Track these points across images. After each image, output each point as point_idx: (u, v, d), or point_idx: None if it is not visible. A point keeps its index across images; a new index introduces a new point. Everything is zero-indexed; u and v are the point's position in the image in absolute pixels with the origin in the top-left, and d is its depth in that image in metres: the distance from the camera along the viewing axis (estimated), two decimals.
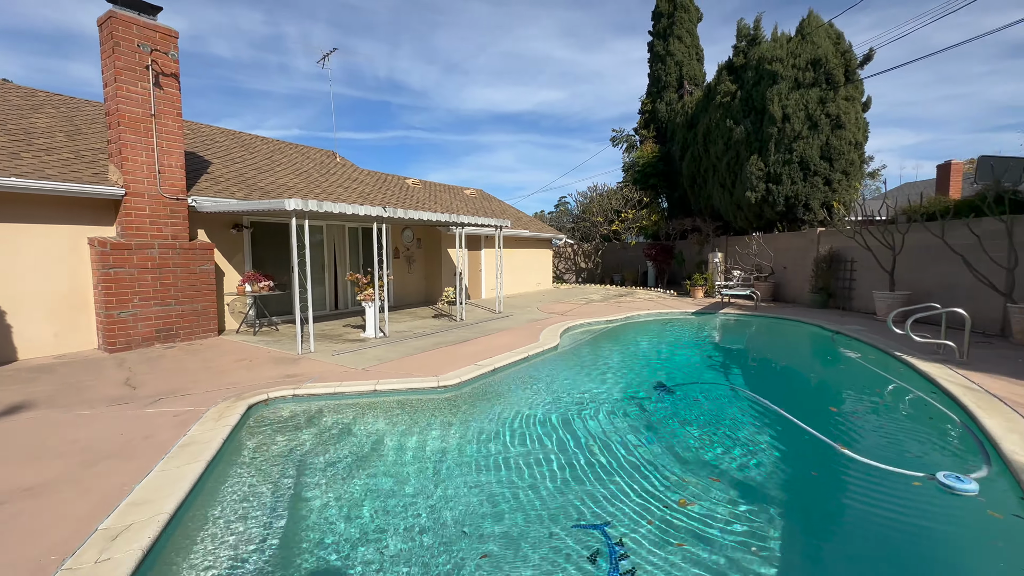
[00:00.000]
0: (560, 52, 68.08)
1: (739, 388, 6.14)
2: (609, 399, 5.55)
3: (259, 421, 4.53)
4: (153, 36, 7.42)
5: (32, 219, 6.74)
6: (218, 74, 65.38)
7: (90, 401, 4.82)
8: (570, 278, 24.22)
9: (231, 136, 12.92)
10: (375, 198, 12.90)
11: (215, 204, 8.17)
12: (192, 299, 7.96)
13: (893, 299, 9.78)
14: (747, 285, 13.87)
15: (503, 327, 9.47)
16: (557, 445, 4.15)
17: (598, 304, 13.41)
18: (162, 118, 7.60)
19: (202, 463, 3.27)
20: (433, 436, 4.31)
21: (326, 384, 5.28)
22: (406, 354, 7.00)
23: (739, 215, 15.57)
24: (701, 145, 16.93)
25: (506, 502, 3.22)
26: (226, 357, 6.84)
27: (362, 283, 8.45)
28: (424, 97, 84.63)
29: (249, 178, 10.26)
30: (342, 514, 3.04)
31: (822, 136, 13.14)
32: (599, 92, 76.15)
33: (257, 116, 75.41)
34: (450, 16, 62.41)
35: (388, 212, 8.14)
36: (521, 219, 18.96)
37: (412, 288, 13.85)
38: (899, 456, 3.96)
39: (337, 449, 4.00)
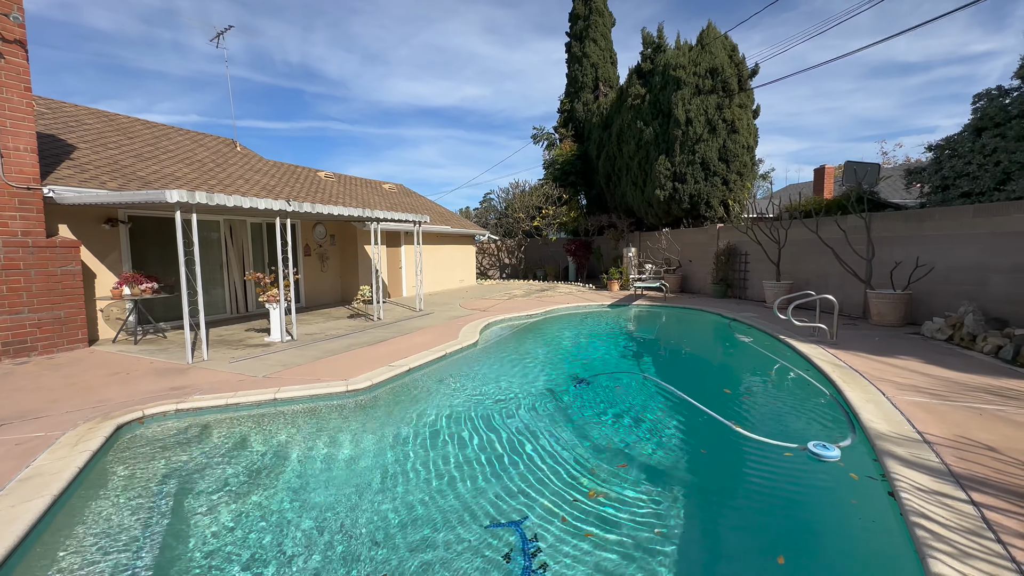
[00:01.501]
0: (483, 48, 67.97)
1: (648, 376, 6.46)
2: (526, 393, 5.58)
3: (131, 443, 3.96)
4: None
5: None
6: (95, 48, 57.32)
7: None
8: (494, 274, 24.30)
9: (103, 118, 11.31)
10: (281, 191, 11.98)
11: (79, 195, 7.08)
12: (52, 305, 6.85)
13: (778, 288, 10.87)
14: (658, 278, 14.76)
15: (422, 325, 9.22)
16: (471, 444, 4.07)
17: (520, 299, 13.55)
18: (4, 92, 6.43)
19: (46, 499, 2.77)
20: (338, 445, 4.04)
21: (218, 395, 4.76)
22: (315, 358, 6.55)
23: (650, 212, 16.50)
24: (615, 145, 17.70)
25: (419, 507, 3.09)
26: (96, 371, 5.96)
27: (265, 283, 7.78)
28: (342, 87, 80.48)
29: (126, 166, 9.03)
30: (226, 545, 2.72)
31: (720, 139, 14.28)
32: (522, 90, 77.16)
33: (147, 99, 67.32)
34: (369, 3, 59.74)
35: (293, 206, 7.56)
36: (443, 215, 18.65)
37: (326, 287, 13.07)
38: (779, 430, 4.36)
39: (225, 469, 3.60)
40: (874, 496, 3.08)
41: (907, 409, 4.14)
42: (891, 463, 3.12)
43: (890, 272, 8.42)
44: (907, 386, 4.82)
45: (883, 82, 56.73)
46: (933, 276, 7.94)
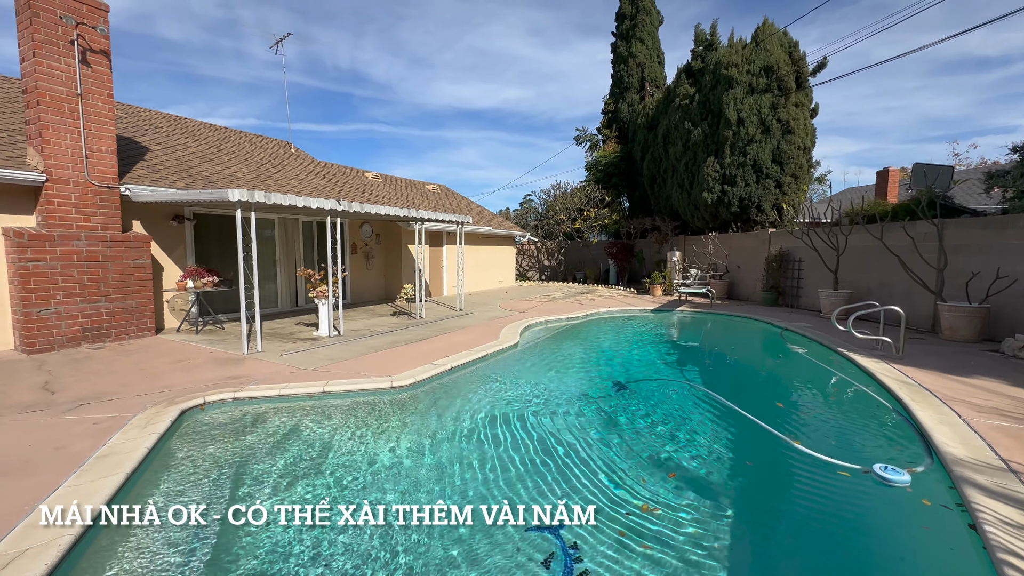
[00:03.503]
0: (526, 50, 68.09)
1: (694, 384, 6.25)
2: (567, 397, 5.52)
3: (193, 427, 4.20)
4: (79, 8, 6.79)
5: None
6: (166, 58, 61.67)
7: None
8: (533, 275, 24.27)
9: (173, 122, 12.11)
10: (331, 191, 12.43)
11: (152, 194, 7.60)
12: (125, 296, 7.38)
13: (836, 297, 10.27)
14: (703, 283, 14.28)
15: (463, 325, 9.31)
16: (512, 445, 4.05)
17: (560, 302, 13.45)
18: (90, 98, 6.99)
19: (120, 476, 2.97)
20: (384, 438, 4.13)
21: (271, 386, 4.98)
22: (360, 353, 6.74)
23: (696, 215, 15.99)
24: (661, 146, 17.28)
25: (458, 504, 3.10)
26: (162, 358, 6.37)
27: (315, 279, 8.08)
28: (388, 90, 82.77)
29: (193, 167, 9.63)
30: (279, 526, 2.83)
31: (773, 140, 13.65)
32: (564, 91, 76.77)
33: (210, 104, 71.69)
34: (416, 8, 61.20)
35: (342, 205, 7.81)
36: (485, 216, 18.80)
37: (370, 285, 13.45)
38: (839, 448, 4.10)
39: (278, 456, 3.75)
40: (950, 527, 2.84)
41: (988, 434, 3.79)
42: (972, 492, 2.86)
43: (965, 283, 7.77)
44: (987, 408, 4.42)
45: (954, 78, 52.49)
46: (1016, 288, 7.27)
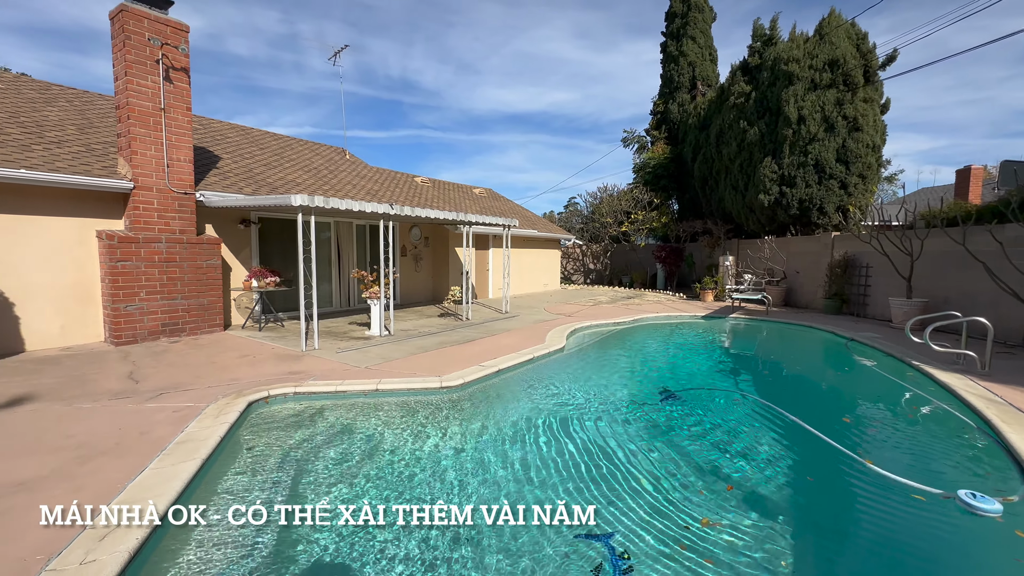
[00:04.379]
0: (573, 53, 67.82)
1: (750, 394, 5.98)
2: (616, 403, 5.43)
3: (259, 418, 4.47)
4: (164, 30, 7.42)
5: (42, 211, 6.76)
6: (234, 72, 66.13)
7: (91, 394, 4.79)
8: (578, 279, 24.05)
9: (241, 132, 12.96)
10: (384, 195, 12.86)
11: (223, 199, 8.16)
12: (198, 294, 7.96)
13: (910, 306, 9.52)
14: (758, 289, 13.63)
15: (509, 327, 9.36)
16: (559, 451, 4.03)
17: (606, 306, 13.26)
18: (171, 112, 7.60)
19: (197, 461, 3.20)
20: (433, 437, 4.22)
21: (328, 382, 5.21)
22: (410, 353, 6.93)
23: (751, 218, 15.32)
24: (713, 146, 16.69)
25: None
26: (230, 353, 6.81)
27: (368, 280, 8.39)
28: (436, 97, 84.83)
29: (258, 174, 10.26)
30: (337, 515, 2.95)
31: (838, 138, 12.86)
32: (611, 93, 75.78)
33: (271, 114, 76.21)
34: (464, 16, 62.41)
35: (395, 209, 8.07)
36: (530, 219, 18.84)
37: (419, 286, 13.79)
38: (914, 469, 3.80)
39: (335, 449, 3.92)
40: None
41: None
42: None
43: None
44: None
45: None
46: None
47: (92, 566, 2.15)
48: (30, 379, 5.32)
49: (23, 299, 6.64)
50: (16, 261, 6.55)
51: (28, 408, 4.40)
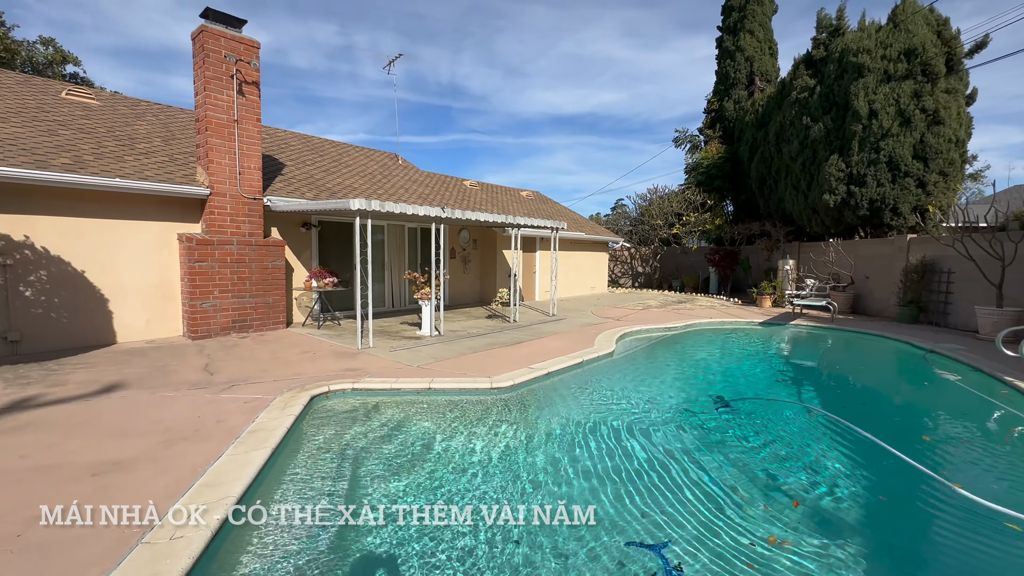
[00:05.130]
0: (622, 53, 66.76)
1: (813, 407, 5.63)
2: (667, 410, 5.28)
3: (320, 411, 4.70)
4: (238, 47, 7.98)
5: (131, 216, 7.44)
6: (295, 84, 70.08)
7: (173, 384, 5.22)
8: (626, 282, 23.59)
9: (303, 139, 13.70)
10: (434, 199, 13.18)
11: (287, 204, 8.65)
12: (265, 293, 8.47)
13: (1001, 316, 8.64)
14: (822, 295, 12.82)
15: (556, 330, 9.32)
16: (610, 456, 3.97)
17: (656, 310, 12.92)
18: (243, 123, 8.16)
19: (267, 450, 3.41)
20: (484, 438, 4.27)
21: (383, 380, 5.40)
22: (460, 353, 7.05)
23: (814, 219, 14.45)
24: (772, 145, 15.90)
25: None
26: (292, 349, 7.20)
27: (419, 282, 8.62)
28: (484, 101, 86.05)
29: (318, 179, 10.80)
30: (395, 508, 3.05)
31: (915, 133, 11.89)
32: (661, 92, 73.93)
33: (328, 122, 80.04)
34: (512, 20, 63.01)
35: (446, 213, 8.26)
36: (577, 221, 18.70)
37: (467, 288, 14.01)
38: (1010, 496, 3.43)
39: (391, 443, 4.05)
40: None
41: None
42: None
43: None
44: None
45: None
46: None
47: (180, 541, 2.34)
48: (121, 368, 5.86)
49: (116, 296, 7.33)
50: (111, 262, 7.24)
51: (120, 395, 4.84)
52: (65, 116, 8.42)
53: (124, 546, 2.35)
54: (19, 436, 3.73)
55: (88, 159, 7.17)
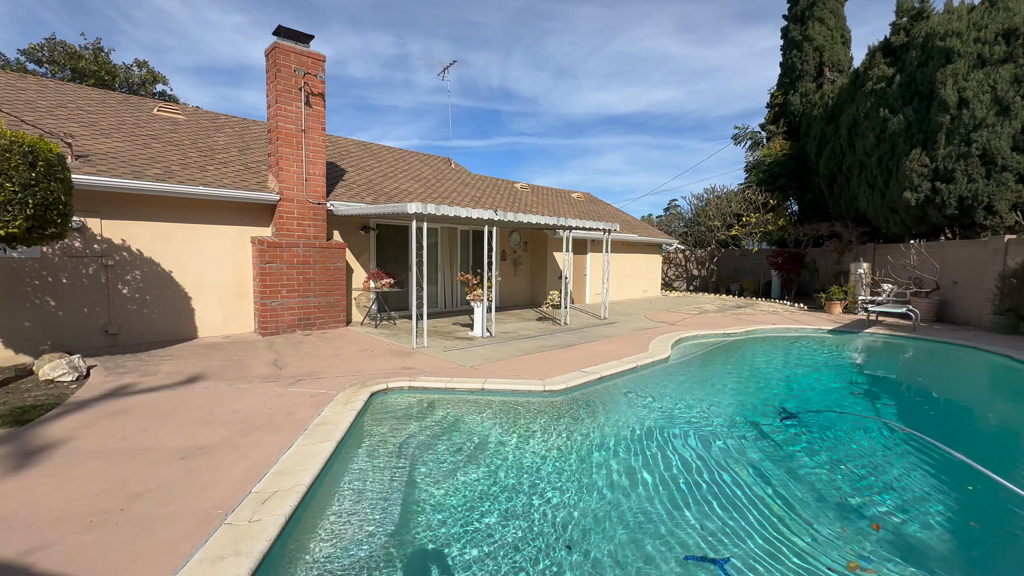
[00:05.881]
0: (676, 49, 64.79)
1: (892, 422, 5.19)
2: (727, 420, 5.05)
3: (379, 408, 4.88)
4: (306, 61, 8.47)
5: (211, 221, 8.07)
6: (353, 93, 73.40)
7: (247, 377, 5.60)
8: (680, 286, 22.82)
9: (362, 147, 14.32)
10: (486, 201, 13.36)
11: (348, 208, 9.07)
12: (327, 292, 8.92)
13: None
14: (902, 301, 11.80)
15: (608, 334, 9.17)
16: (666, 464, 3.85)
17: (713, 315, 12.40)
18: (310, 133, 8.64)
19: (332, 443, 3.59)
20: (538, 440, 4.27)
21: (438, 379, 5.53)
22: (511, 355, 7.09)
23: (892, 219, 13.33)
24: (844, 139, 14.84)
25: (612, 520, 3.05)
26: (352, 347, 7.53)
27: (472, 283, 8.76)
28: (533, 103, 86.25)
29: (376, 184, 11.24)
30: (450, 504, 3.12)
31: (1016, 123, 10.69)
32: (718, 88, 71.02)
33: (383, 128, 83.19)
34: (562, 22, 62.85)
35: (498, 215, 8.34)
36: (629, 223, 18.31)
37: (517, 290, 14.08)
38: None
39: (447, 441, 4.15)
40: None
41: None
42: None
43: None
44: None
45: None
46: None
47: (258, 524, 2.51)
48: (202, 361, 6.36)
49: (197, 295, 7.97)
50: (193, 263, 7.89)
51: (202, 385, 5.26)
52: (157, 131, 9.28)
53: (209, 525, 2.55)
54: (119, 420, 4.15)
55: (176, 169, 7.86)
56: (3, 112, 7.27)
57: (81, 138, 7.61)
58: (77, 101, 9.43)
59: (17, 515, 2.64)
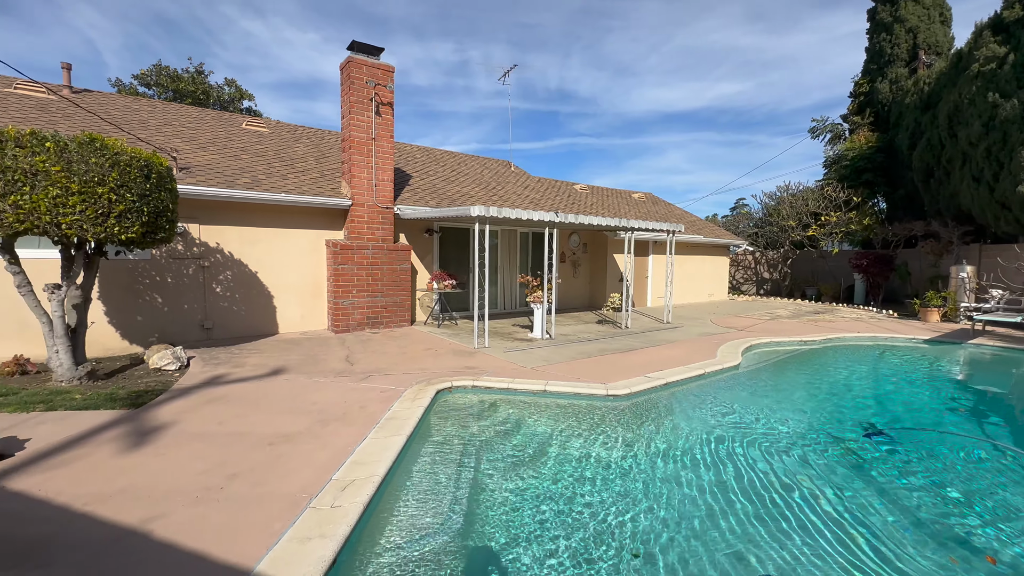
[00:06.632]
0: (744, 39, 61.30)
1: (1004, 445, 4.60)
2: (807, 434, 4.72)
3: (445, 405, 5.03)
4: (376, 72, 8.92)
5: (291, 225, 8.69)
6: (415, 100, 76.09)
7: (323, 371, 5.97)
8: (749, 289, 21.59)
9: (425, 152, 14.82)
10: (545, 203, 13.38)
11: (414, 211, 9.43)
12: (393, 293, 9.32)
13: None
14: (1015, 309, 10.43)
15: (672, 339, 8.86)
16: (737, 477, 3.66)
17: (787, 321, 11.62)
18: (379, 140, 9.08)
19: (403, 437, 3.74)
20: (601, 445, 4.21)
21: (501, 379, 5.60)
22: (572, 358, 7.04)
23: (1003, 217, 11.83)
24: (943, 129, 13.37)
25: (680, 531, 2.94)
26: (417, 345, 7.81)
27: (532, 285, 8.80)
28: (592, 104, 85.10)
29: (439, 188, 11.60)
30: (514, 503, 3.15)
31: None
32: (792, 78, 66.36)
33: (444, 134, 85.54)
34: (621, 19, 61.55)
35: (560, 217, 8.32)
36: (694, 223, 17.60)
37: (576, 292, 13.96)
38: None
39: (511, 441, 4.19)
40: None
41: None
42: None
43: None
44: None
45: None
46: None
47: (339, 510, 2.67)
48: (283, 355, 6.86)
49: (278, 293, 8.62)
50: (275, 264, 8.54)
51: (284, 377, 5.68)
52: (245, 143, 10.15)
53: (296, 507, 2.75)
54: (216, 407, 4.57)
55: (261, 178, 8.55)
56: (123, 131, 8.26)
57: (183, 152, 8.47)
58: (180, 119, 10.51)
59: (138, 486, 2.98)
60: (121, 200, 4.94)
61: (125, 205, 4.98)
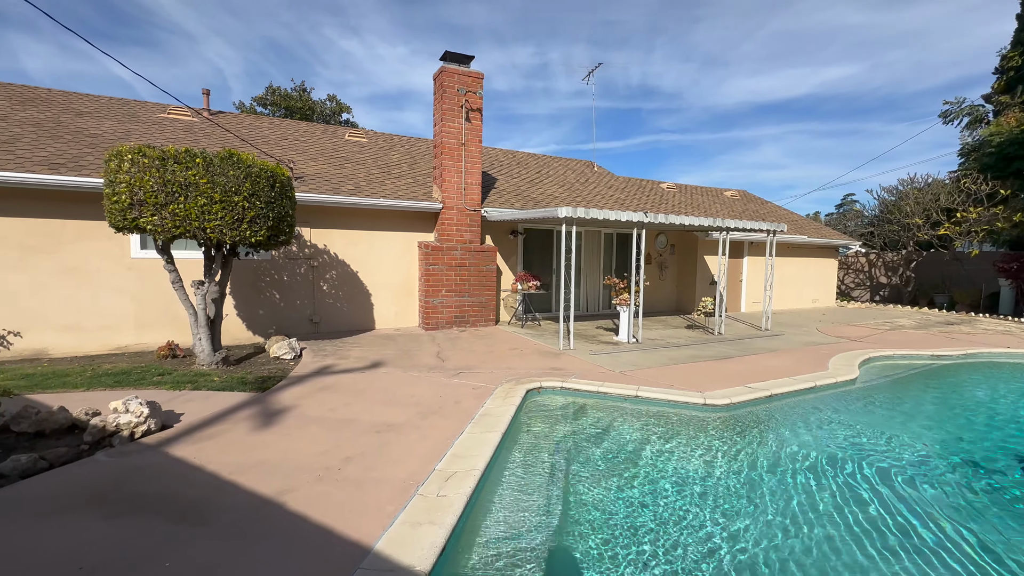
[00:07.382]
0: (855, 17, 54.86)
1: None
2: (941, 462, 4.12)
3: (534, 405, 5.07)
4: (467, 80, 9.24)
5: (387, 228, 9.28)
6: (496, 104, 77.82)
7: (417, 366, 6.30)
8: (861, 295, 19.35)
9: (509, 155, 15.08)
10: (630, 203, 13.01)
11: (500, 214, 9.63)
12: (480, 293, 9.59)
13: None
14: None
15: (772, 347, 8.19)
16: (858, 504, 3.27)
17: (911, 332, 10.25)
18: (468, 146, 9.40)
19: (498, 433, 3.83)
20: (699, 458, 4.00)
21: (589, 382, 5.54)
22: (661, 363, 6.77)
23: None
24: None
25: (793, 560, 2.70)
26: (502, 344, 7.96)
27: (619, 287, 8.60)
28: (676, 99, 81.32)
29: (524, 190, 11.74)
30: (607, 507, 3.08)
31: None
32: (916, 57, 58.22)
33: (524, 136, 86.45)
34: (709, 8, 58.07)
35: (648, 217, 8.04)
36: (797, 223, 16.14)
37: (662, 295, 13.42)
38: None
39: (605, 446, 4.13)
40: None
41: None
42: None
43: None
44: None
45: None
46: None
47: (445, 499, 2.80)
48: (380, 350, 7.34)
49: (375, 292, 9.24)
50: (373, 264, 9.17)
51: (383, 370, 6.07)
52: (348, 153, 11.01)
53: (405, 493, 2.92)
54: (327, 394, 5.00)
55: (363, 184, 9.22)
56: (251, 146, 9.35)
57: (297, 163, 9.39)
58: (294, 133, 11.67)
59: (271, 462, 3.35)
60: (252, 207, 5.59)
61: (255, 211, 5.63)
